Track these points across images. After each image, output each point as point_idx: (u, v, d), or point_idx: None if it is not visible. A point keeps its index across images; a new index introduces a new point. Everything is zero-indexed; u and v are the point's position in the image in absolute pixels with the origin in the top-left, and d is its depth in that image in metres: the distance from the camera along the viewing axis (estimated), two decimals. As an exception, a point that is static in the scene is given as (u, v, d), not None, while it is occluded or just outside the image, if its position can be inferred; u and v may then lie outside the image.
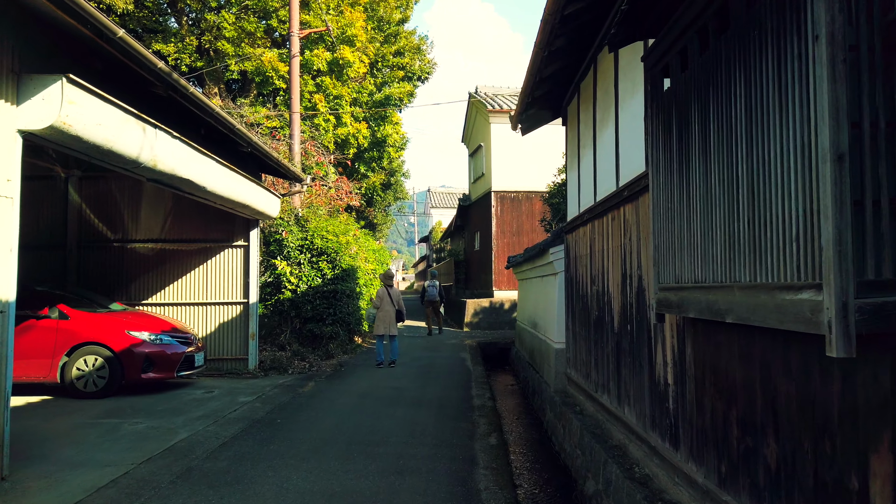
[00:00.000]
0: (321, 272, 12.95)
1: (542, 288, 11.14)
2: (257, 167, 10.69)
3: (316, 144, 15.92)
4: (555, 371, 9.21)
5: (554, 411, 8.59)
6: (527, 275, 13.27)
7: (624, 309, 5.93)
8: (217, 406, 7.74)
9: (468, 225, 26.32)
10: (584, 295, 7.81)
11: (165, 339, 8.68)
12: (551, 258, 9.47)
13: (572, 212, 8.75)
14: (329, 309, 12.86)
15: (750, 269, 2.89)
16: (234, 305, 10.80)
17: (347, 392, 9.02)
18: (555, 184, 14.96)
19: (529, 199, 21.14)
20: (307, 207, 13.49)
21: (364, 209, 25.93)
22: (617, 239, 6.21)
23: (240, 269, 10.84)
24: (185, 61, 17.57)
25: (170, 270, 10.84)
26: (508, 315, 19.84)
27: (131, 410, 7.38)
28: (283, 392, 8.91)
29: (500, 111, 20.70)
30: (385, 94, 20.32)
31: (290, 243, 12.63)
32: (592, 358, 7.33)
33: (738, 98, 3.01)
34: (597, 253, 7.14)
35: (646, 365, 5.22)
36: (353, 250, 13.78)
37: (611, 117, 6.51)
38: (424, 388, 9.49)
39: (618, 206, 6.16)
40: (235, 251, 10.86)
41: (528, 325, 13.01)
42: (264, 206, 10.00)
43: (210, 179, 7.78)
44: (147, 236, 10.88)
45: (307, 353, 12.48)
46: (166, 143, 6.48)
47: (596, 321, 7.15)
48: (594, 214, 7.21)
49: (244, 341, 10.75)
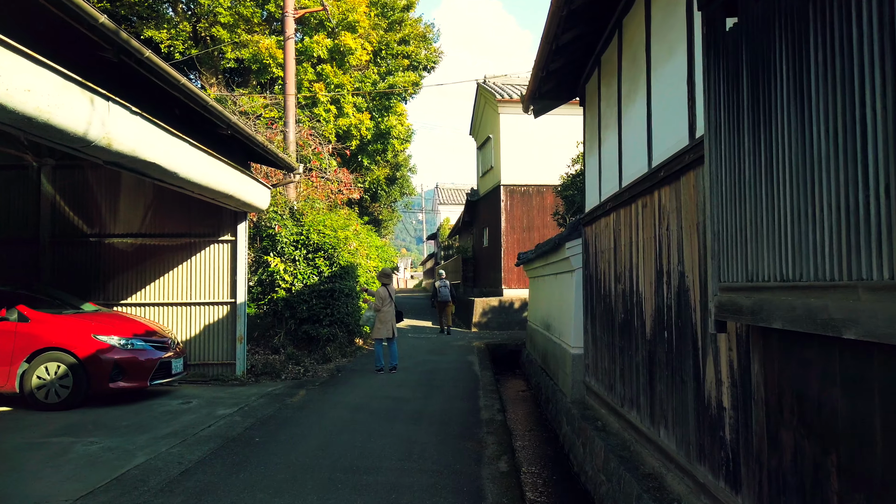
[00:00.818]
0: (318, 269, 12.06)
1: (556, 286, 10.18)
2: (245, 155, 9.79)
3: (314, 134, 15.00)
4: (571, 379, 8.26)
5: (571, 425, 7.65)
6: (539, 272, 12.32)
7: (659, 312, 4.98)
8: (191, 420, 6.85)
9: (476, 221, 25.37)
10: (607, 295, 6.86)
11: (138, 344, 7.79)
12: (567, 253, 8.52)
13: (592, 201, 7.80)
14: (326, 309, 11.96)
15: (889, 261, 1.94)
16: (220, 306, 9.92)
17: (340, 403, 8.11)
18: (568, 175, 14.01)
19: (540, 193, 20.16)
20: (304, 200, 12.59)
21: (368, 204, 25.03)
22: (649, 229, 5.26)
23: (226, 267, 9.96)
24: (178, 48, 16.72)
25: (150, 268, 9.97)
26: (518, 315, 18.89)
27: (92, 426, 6.50)
28: (269, 402, 8.01)
29: (510, 101, 19.72)
30: (389, 83, 19.39)
31: (283, 238, 11.74)
32: (617, 367, 6.38)
33: (866, 7, 2.05)
34: (623, 246, 6.19)
35: (690, 381, 4.27)
36: (353, 246, 12.88)
37: (640, 89, 5.56)
38: (427, 398, 8.56)
39: (650, 191, 5.20)
40: (222, 247, 9.98)
41: (540, 327, 12.06)
42: (251, 196, 9.11)
43: (183, 165, 6.88)
44: (126, 230, 10.01)
45: (302, 356, 11.58)
46: (123, 118, 5.58)
47: (622, 325, 6.20)
48: (619, 202, 6.26)
49: (231, 345, 9.86)
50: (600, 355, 7.22)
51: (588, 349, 7.98)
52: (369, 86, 19.37)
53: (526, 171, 19.93)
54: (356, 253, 13.17)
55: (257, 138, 8.14)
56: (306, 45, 17.25)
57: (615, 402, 6.43)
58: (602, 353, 7.13)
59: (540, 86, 7.89)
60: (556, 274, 10.30)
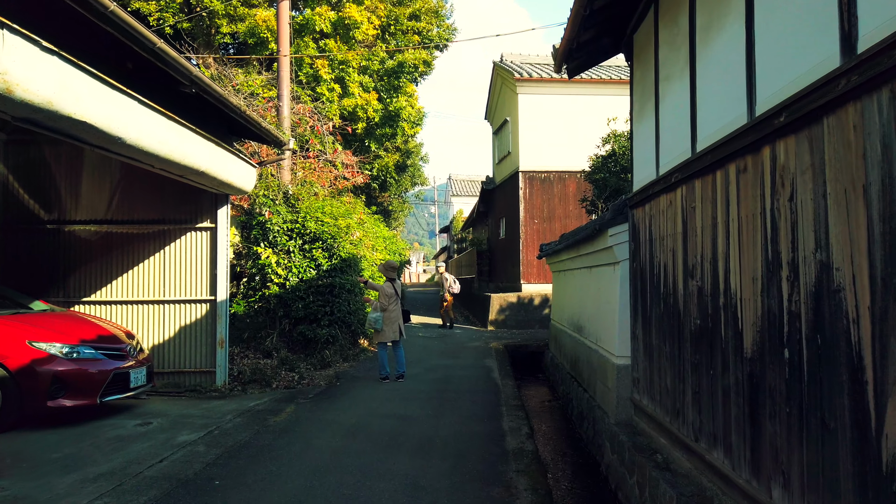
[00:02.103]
0: (315, 262, 10.61)
1: (590, 282, 8.66)
2: (225, 127, 8.34)
3: (315, 112, 13.51)
4: (616, 395, 6.76)
5: (619, 455, 6.14)
6: (566, 265, 10.80)
7: (771, 320, 3.46)
8: (140, 451, 5.42)
9: (492, 211, 23.82)
10: (670, 293, 5.34)
11: (86, 353, 6.38)
12: (610, 242, 6.99)
13: (644, 177, 6.27)
14: (325, 307, 10.52)
15: None
16: (197, 304, 8.50)
17: (334, 424, 6.66)
18: (598, 156, 12.44)
19: (562, 180, 18.59)
20: (300, 184, 11.14)
21: (377, 194, 23.58)
22: (751, 202, 3.73)
23: (205, 258, 8.53)
24: (168, 21, 15.30)
25: (118, 259, 8.57)
26: (539, 312, 17.36)
27: (11, 460, 5.09)
28: (247, 424, 6.58)
29: (529, 79, 18.14)
30: (398, 60, 17.87)
31: (275, 226, 10.29)
32: (687, 388, 4.86)
33: None
34: (699, 230, 4.67)
35: (845, 429, 2.76)
36: (356, 236, 11.41)
37: (729, 7, 4.05)
38: (438, 416, 7.08)
39: (754, 148, 3.68)
40: (200, 235, 8.55)
41: (568, 327, 10.55)
42: (231, 174, 7.66)
43: (131, 128, 5.43)
44: (89, 216, 8.61)
45: (297, 361, 10.15)
46: (29, 56, 4.14)
47: (696, 334, 4.68)
48: (692, 172, 4.74)
49: (210, 350, 8.44)
50: (657, 369, 5.70)
51: (638, 360, 6.46)
52: (377, 64, 17.86)
53: (546, 157, 18.37)
54: (360, 244, 11.71)
55: (232, 100, 6.68)
56: (307, 17, 15.78)
57: (684, 432, 4.92)
58: (660, 366, 5.62)
59: (579, 32, 6.33)
60: (590, 267, 8.78)
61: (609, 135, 12.33)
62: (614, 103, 13.82)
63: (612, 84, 18.24)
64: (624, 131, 12.28)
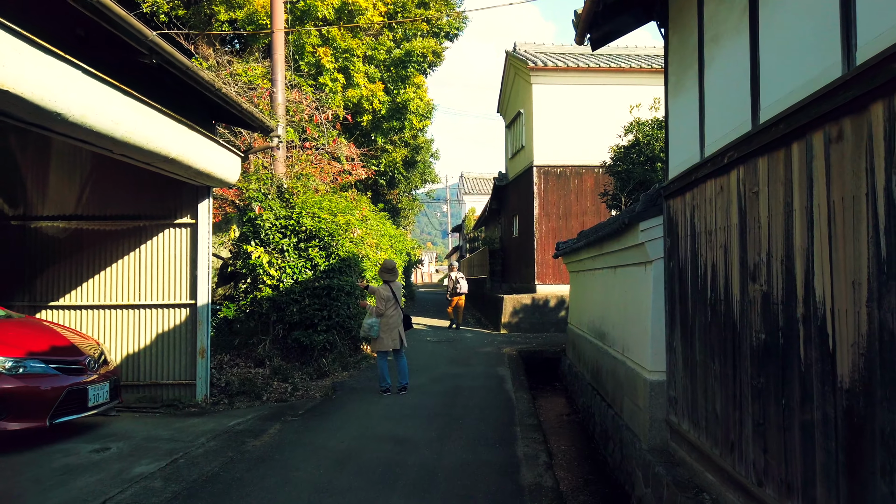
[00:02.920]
0: (311, 262, 9.73)
1: (616, 284, 7.69)
2: (207, 112, 7.48)
3: (315, 102, 12.62)
4: (649, 416, 5.80)
5: (655, 489, 5.19)
6: (586, 265, 9.84)
7: (885, 341, 2.51)
8: (83, 489, 4.55)
9: (505, 208, 22.84)
10: (722, 299, 4.38)
11: (34, 367, 5.53)
12: (641, 238, 6.03)
13: (683, 160, 5.32)
14: (322, 311, 9.64)
15: None
16: (175, 309, 7.64)
17: (321, 449, 5.76)
18: (619, 147, 11.46)
19: (579, 175, 17.59)
20: (297, 177, 10.25)
21: (385, 191, 22.70)
22: (852, 181, 2.78)
23: (184, 258, 7.68)
24: (162, 8, 14.50)
25: (89, 259, 7.73)
26: (555, 314, 16.38)
27: (-76, 501, 4.25)
28: (221, 448, 5.69)
29: (544, 68, 17.16)
30: (406, 49, 16.95)
31: (267, 223, 9.42)
32: (749, 418, 3.91)
33: None
34: (764, 219, 3.72)
35: None
36: (357, 233, 10.51)
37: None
38: (443, 440, 6.15)
39: (858, 108, 2.73)
40: (179, 232, 7.70)
41: (588, 333, 9.59)
42: (210, 163, 6.80)
43: (75, 104, 4.56)
44: (58, 211, 7.78)
45: (291, 370, 9.28)
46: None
47: (761, 351, 3.73)
48: (753, 149, 3.80)
49: (190, 360, 7.58)
50: (703, 390, 4.75)
51: (675, 376, 5.50)
52: (383, 53, 16.96)
53: (562, 150, 17.38)
54: (361, 242, 10.81)
55: (203, 74, 5.80)
56: (309, 3, 14.91)
57: (741, 472, 3.96)
58: (707, 387, 4.66)
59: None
60: (614, 267, 7.82)
61: (632, 123, 11.34)
62: (635, 94, 12.83)
63: (632, 73, 17.22)
64: (648, 119, 11.30)
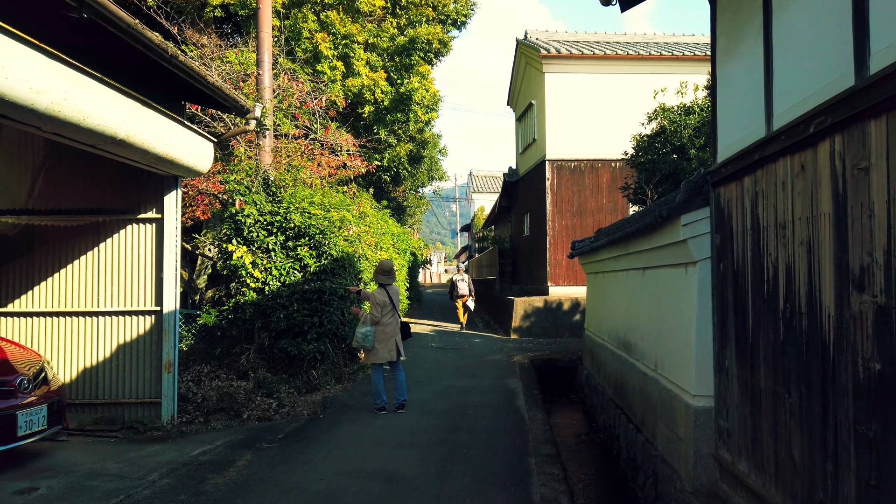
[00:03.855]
0: (301, 262, 8.74)
1: (646, 288, 6.64)
2: (175, 91, 6.50)
3: (305, 85, 11.59)
4: (692, 449, 4.75)
5: (705, 548, 4.14)
6: (607, 266, 8.79)
7: None
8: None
9: (515, 205, 21.78)
10: (802, 312, 3.33)
11: (-55, 390, 4.57)
12: (683, 234, 4.98)
13: (739, 138, 4.27)
14: (312, 317, 8.64)
15: None
16: (139, 317, 6.66)
17: (294, 491, 4.75)
18: (642, 136, 10.40)
19: (594, 170, 16.50)
20: (286, 168, 9.26)
21: (390, 188, 21.69)
22: None
23: (149, 258, 6.70)
24: (149, -8, 13.52)
25: (41, 260, 6.77)
26: (569, 318, 15.30)
27: None
28: (174, 488, 4.70)
29: (557, 56, 16.10)
30: (410, 36, 15.94)
31: (250, 219, 8.44)
32: (849, 474, 2.86)
33: None
34: (878, 206, 2.68)
35: None
36: (352, 231, 9.51)
37: None
38: (443, 476, 5.11)
39: None
40: (142, 229, 6.72)
41: (610, 342, 8.55)
42: (172, 147, 5.81)
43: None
44: (5, 205, 6.82)
45: (278, 384, 8.30)
46: None
47: (871, 387, 2.68)
48: (857, 110, 2.78)
49: (155, 375, 6.60)
50: (771, 426, 3.70)
51: (728, 403, 4.45)
52: (386, 41, 15.95)
53: (577, 143, 16.31)
54: (357, 241, 9.80)
55: (149, 35, 4.80)
56: (306, -15, 13.94)
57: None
58: (778, 422, 3.61)
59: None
60: (642, 269, 6.77)
61: (656, 109, 10.28)
62: (654, 83, 11.74)
63: (652, 60, 16.12)
64: (674, 105, 10.23)
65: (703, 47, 16.92)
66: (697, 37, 18.79)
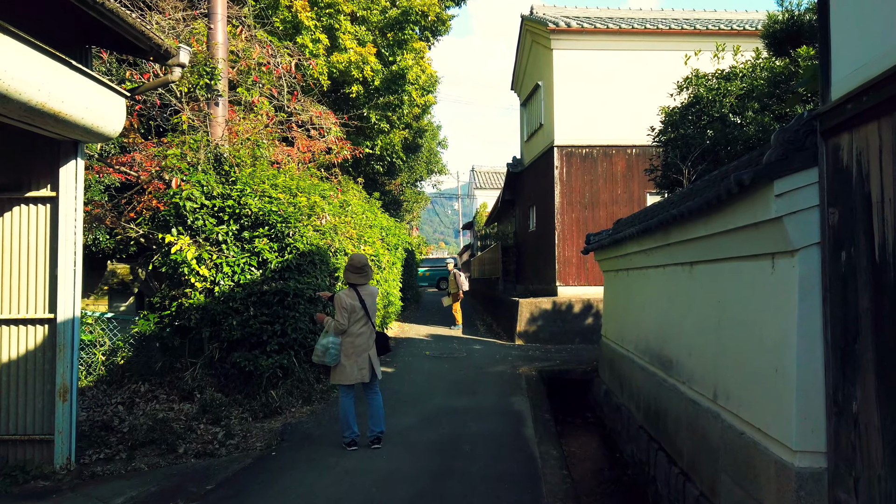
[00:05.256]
0: (259, 258, 7.13)
1: (697, 288, 4.99)
2: (81, 33, 4.90)
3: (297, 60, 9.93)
4: (793, 535, 3.12)
5: None
6: (634, 261, 7.17)
7: None
8: None
9: (520, 198, 20.13)
10: None
11: None
12: (776, 210, 3.34)
13: (868, 61, 2.58)
14: (273, 324, 7.03)
15: None
16: (24, 326, 5.06)
17: None
18: (672, 108, 8.76)
19: (608, 157, 14.85)
20: (241, 142, 7.64)
21: (384, 180, 20.07)
22: None
23: (40, 249, 5.09)
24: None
25: None
26: (580, 323, 13.66)
27: None
28: None
29: (567, 30, 14.46)
30: (403, 7, 14.32)
31: (192, 203, 6.82)
32: None
33: None
34: None
35: None
36: (325, 220, 7.89)
37: None
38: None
39: None
40: (30, 211, 5.12)
41: (637, 354, 6.93)
42: (62, 101, 4.20)
43: None
44: None
45: (229, 406, 6.70)
46: None
47: None
48: None
49: (47, 403, 4.99)
50: None
51: (854, 465, 2.82)
52: (377, 14, 14.35)
53: (588, 128, 14.66)
54: (332, 232, 8.18)
55: None
56: (283, -55, 12.33)
57: None
58: None
59: None
60: (691, 263, 5.14)
61: (688, 77, 8.64)
62: (675, 60, 10.08)
63: (672, 35, 14.47)
64: (708, 72, 8.60)
65: (728, 22, 15.26)
66: (720, 12, 17.13)
